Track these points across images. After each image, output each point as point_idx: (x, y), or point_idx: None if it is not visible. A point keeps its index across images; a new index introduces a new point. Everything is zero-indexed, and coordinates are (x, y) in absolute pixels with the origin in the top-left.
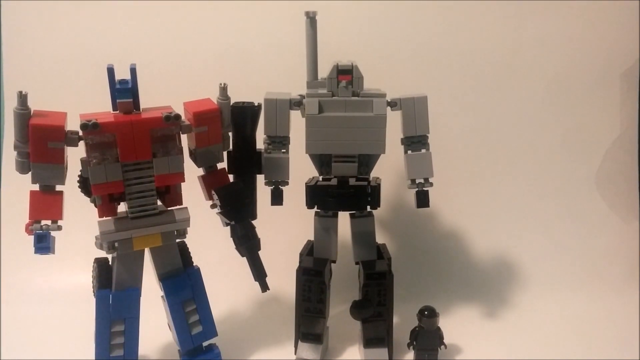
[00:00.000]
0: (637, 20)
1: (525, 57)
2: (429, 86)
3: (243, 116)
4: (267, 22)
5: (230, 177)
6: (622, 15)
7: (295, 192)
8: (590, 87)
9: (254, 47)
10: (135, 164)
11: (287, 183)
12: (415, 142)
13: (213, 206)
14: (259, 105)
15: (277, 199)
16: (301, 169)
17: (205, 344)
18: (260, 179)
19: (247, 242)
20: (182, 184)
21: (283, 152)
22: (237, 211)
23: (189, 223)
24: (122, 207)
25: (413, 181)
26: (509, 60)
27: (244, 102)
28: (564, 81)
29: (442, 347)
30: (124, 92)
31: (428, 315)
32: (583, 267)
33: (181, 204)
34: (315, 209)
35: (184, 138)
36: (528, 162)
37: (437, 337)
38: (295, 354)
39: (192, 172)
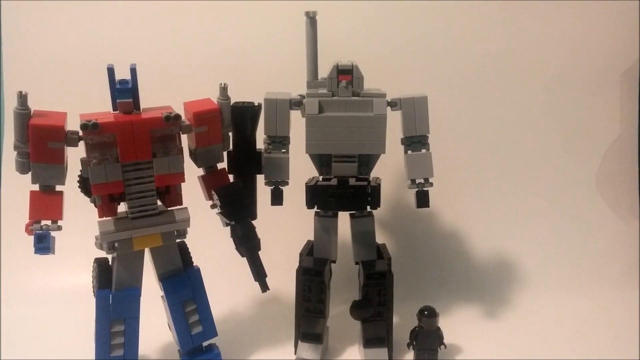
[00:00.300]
0: (637, 20)
1: (525, 57)
2: (429, 86)
3: (243, 116)
4: (267, 22)
5: (231, 177)
6: (622, 15)
7: (295, 192)
8: (590, 87)
9: (254, 47)
10: (135, 164)
11: (287, 183)
12: (415, 142)
13: (213, 206)
14: (259, 105)
15: (277, 199)
16: (301, 169)
17: (205, 344)
18: (260, 179)
19: (247, 242)
20: (182, 184)
21: (283, 152)
22: (237, 211)
23: (189, 223)
24: (122, 207)
25: (413, 181)
26: (509, 60)
27: (244, 102)
28: (564, 81)
29: (442, 347)
30: (124, 92)
31: (428, 315)
32: (583, 267)
33: (181, 204)
34: (315, 209)
35: (184, 138)
36: (528, 162)
37: (437, 337)
38: (295, 354)
39: (193, 172)
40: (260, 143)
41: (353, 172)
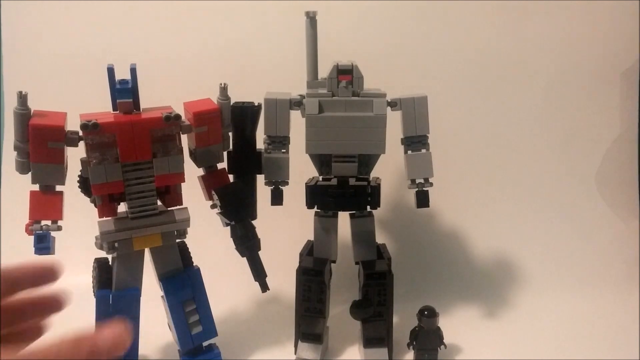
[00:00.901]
0: (637, 20)
1: (525, 57)
2: (429, 86)
3: (243, 116)
4: (267, 22)
5: (231, 177)
6: (622, 15)
7: (295, 192)
8: (590, 87)
9: (254, 47)
10: (135, 164)
11: (287, 183)
12: (415, 142)
13: (213, 206)
14: (259, 105)
15: (277, 199)
16: (301, 169)
17: (205, 344)
18: (260, 179)
19: (247, 242)
20: (182, 184)
21: (283, 152)
22: (237, 211)
23: (189, 223)
24: (122, 207)
25: (413, 181)
26: (509, 60)
27: (244, 102)
28: (564, 81)
29: (442, 347)
30: (124, 92)
31: (428, 315)
32: (583, 267)
33: (181, 204)
34: (315, 209)
35: (184, 138)
36: (528, 162)
37: (437, 337)
38: (295, 354)
39: (193, 172)
40: (260, 143)
41: (353, 172)
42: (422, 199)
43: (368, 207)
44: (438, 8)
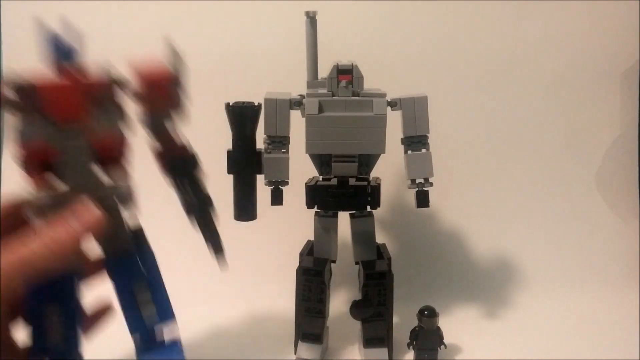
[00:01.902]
0: (637, 20)
1: (525, 57)
2: (429, 86)
3: (243, 116)
4: (267, 22)
5: (230, 177)
6: (622, 15)
7: (295, 192)
8: (590, 87)
9: (254, 47)
10: (66, 125)
11: (287, 183)
12: (415, 142)
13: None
14: (259, 105)
15: (277, 199)
16: (301, 169)
17: (167, 339)
18: (260, 179)
19: (197, 208)
20: (132, 159)
21: (283, 152)
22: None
23: (132, 190)
24: None
25: (413, 181)
26: (509, 60)
27: (244, 102)
28: (564, 81)
29: (442, 347)
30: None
31: (428, 315)
32: (583, 267)
33: (129, 180)
34: (315, 209)
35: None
36: (528, 162)
37: (437, 337)
38: (295, 354)
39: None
40: (260, 143)
41: (353, 172)
42: (422, 199)
43: (368, 207)
44: (438, 8)
